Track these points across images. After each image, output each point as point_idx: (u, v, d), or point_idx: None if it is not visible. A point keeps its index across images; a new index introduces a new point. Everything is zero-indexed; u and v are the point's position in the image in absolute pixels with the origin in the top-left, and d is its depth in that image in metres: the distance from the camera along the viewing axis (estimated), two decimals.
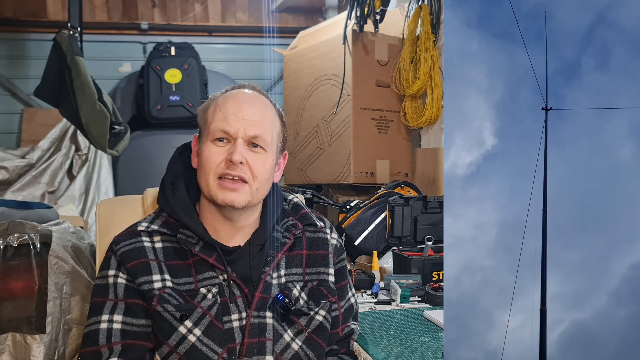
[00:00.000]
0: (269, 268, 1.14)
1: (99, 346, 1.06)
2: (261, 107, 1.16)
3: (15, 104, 4.00)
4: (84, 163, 3.69)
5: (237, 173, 1.09)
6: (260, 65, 4.39)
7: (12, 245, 1.60)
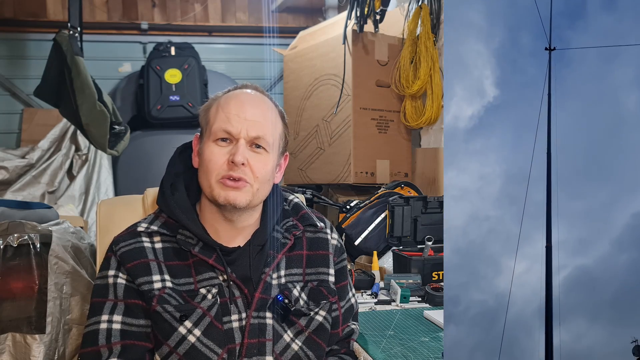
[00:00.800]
0: (269, 268, 1.14)
1: (98, 346, 1.06)
2: (264, 108, 1.15)
3: (15, 104, 4.00)
4: (84, 163, 3.68)
5: (238, 174, 1.09)
6: (260, 65, 4.39)
7: (12, 245, 1.60)
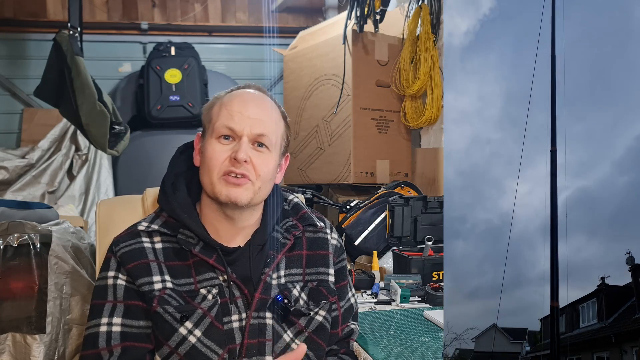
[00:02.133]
0: (269, 269, 1.14)
1: (99, 349, 1.06)
2: (267, 107, 1.16)
3: (15, 104, 3.99)
4: (84, 163, 3.68)
5: (241, 171, 1.09)
6: (260, 65, 4.39)
7: (12, 245, 1.60)
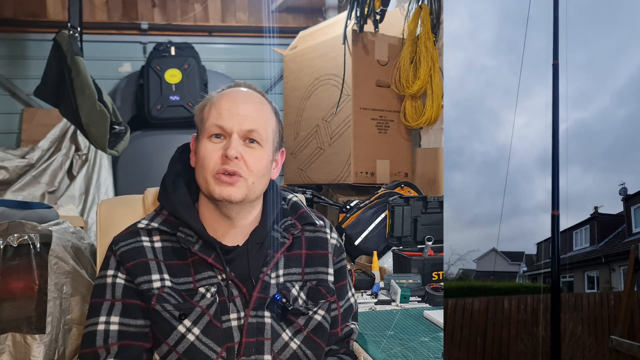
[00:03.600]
0: (268, 268, 1.14)
1: (96, 347, 1.06)
2: (256, 103, 1.16)
3: (15, 104, 3.99)
4: (84, 163, 3.68)
5: (232, 168, 1.09)
6: (260, 65, 4.39)
7: (12, 245, 1.60)
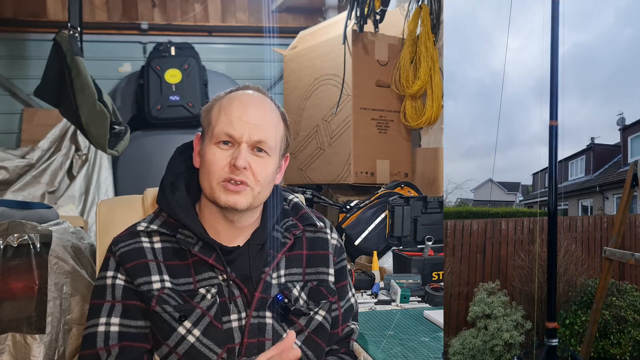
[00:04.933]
0: (269, 268, 1.14)
1: (96, 349, 1.06)
2: (266, 110, 1.15)
3: (15, 104, 3.99)
4: (84, 163, 3.68)
5: (240, 178, 1.09)
6: (260, 65, 4.38)
7: (12, 245, 1.60)
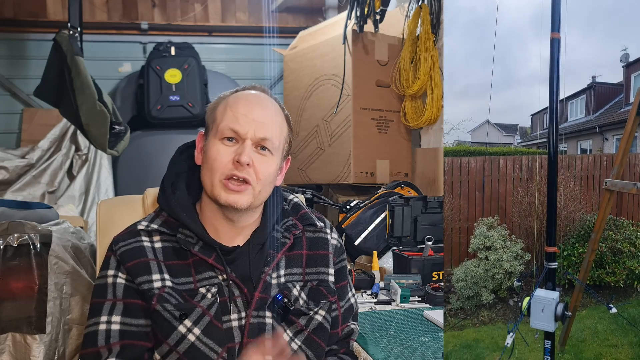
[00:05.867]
0: (269, 268, 1.14)
1: (97, 347, 1.06)
2: (272, 110, 1.15)
3: (15, 104, 3.99)
4: (84, 163, 3.68)
5: (243, 175, 1.09)
6: (260, 65, 4.38)
7: (12, 245, 1.60)
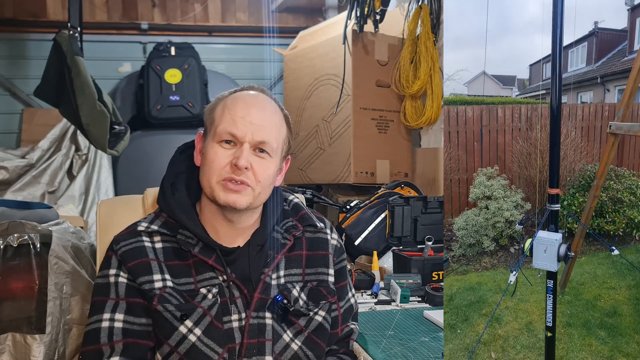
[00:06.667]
0: (269, 269, 1.14)
1: (100, 344, 1.06)
2: (270, 112, 1.15)
3: (15, 104, 3.99)
4: (84, 163, 3.68)
5: (241, 178, 1.09)
6: (260, 65, 4.38)
7: (12, 245, 1.60)
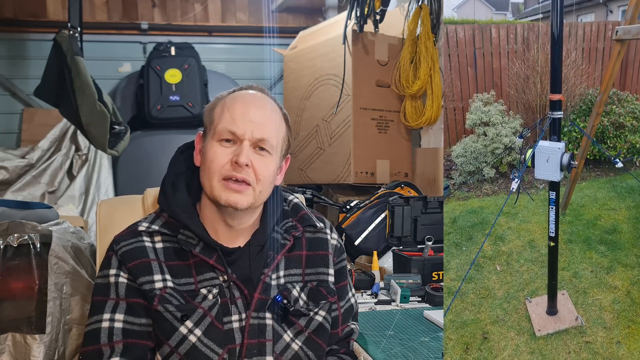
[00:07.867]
0: (268, 269, 1.14)
1: (100, 345, 1.06)
2: (269, 110, 1.15)
3: (15, 104, 3.99)
4: (84, 163, 3.68)
5: (241, 176, 1.09)
6: (260, 65, 4.39)
7: (12, 245, 1.60)
